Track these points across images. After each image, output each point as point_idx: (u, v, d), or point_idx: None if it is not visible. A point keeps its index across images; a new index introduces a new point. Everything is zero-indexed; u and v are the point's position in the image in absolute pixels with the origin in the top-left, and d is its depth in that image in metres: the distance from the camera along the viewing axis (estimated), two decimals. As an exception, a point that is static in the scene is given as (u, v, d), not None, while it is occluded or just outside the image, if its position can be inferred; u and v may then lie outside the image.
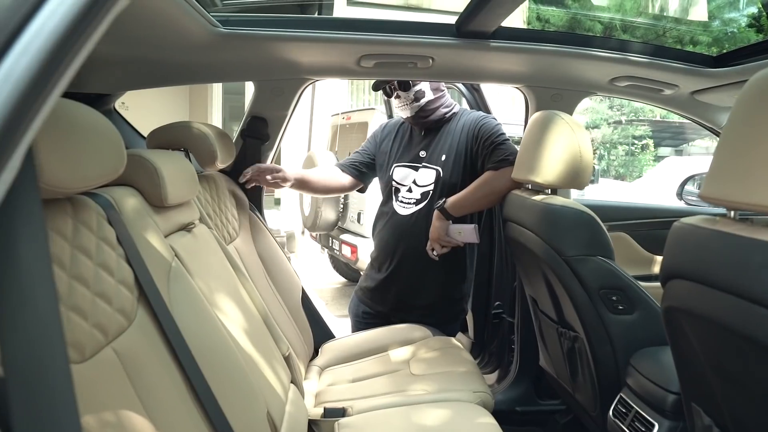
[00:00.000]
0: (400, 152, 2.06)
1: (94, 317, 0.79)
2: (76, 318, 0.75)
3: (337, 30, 1.64)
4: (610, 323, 1.48)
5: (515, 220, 1.75)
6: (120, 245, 0.93)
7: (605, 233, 1.49)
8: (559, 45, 1.73)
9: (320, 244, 5.67)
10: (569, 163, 1.55)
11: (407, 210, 2.00)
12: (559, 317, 1.68)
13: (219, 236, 1.58)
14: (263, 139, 1.99)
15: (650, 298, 1.47)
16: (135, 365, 0.85)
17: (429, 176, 1.99)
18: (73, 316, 0.74)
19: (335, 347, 2.03)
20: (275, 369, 1.31)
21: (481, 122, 1.97)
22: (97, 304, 0.81)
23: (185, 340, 0.98)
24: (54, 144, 0.70)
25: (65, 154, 0.72)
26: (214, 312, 1.13)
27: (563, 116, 1.60)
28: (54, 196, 0.76)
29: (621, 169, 12.56)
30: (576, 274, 1.48)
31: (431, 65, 1.77)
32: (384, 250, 2.05)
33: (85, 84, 1.78)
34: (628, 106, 12.35)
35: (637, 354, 1.45)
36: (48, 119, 0.73)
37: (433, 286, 2.02)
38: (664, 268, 1.01)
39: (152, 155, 1.13)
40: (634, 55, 1.74)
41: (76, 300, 0.76)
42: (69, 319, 0.73)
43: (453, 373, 1.68)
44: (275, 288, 1.89)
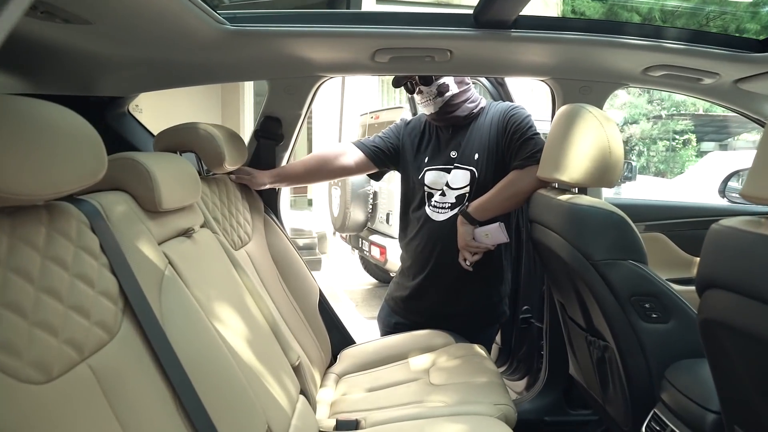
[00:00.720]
0: (429, 154, 1.93)
1: (66, 332, 0.74)
2: (41, 334, 0.69)
3: (349, 24, 1.57)
4: (642, 332, 1.36)
5: (541, 222, 1.65)
6: (104, 254, 0.88)
7: (637, 235, 1.37)
8: (586, 33, 1.61)
9: (350, 245, 5.64)
10: (597, 160, 1.44)
11: (441, 215, 1.88)
12: (588, 325, 1.57)
13: (228, 241, 1.53)
14: (277, 140, 1.93)
15: (687, 306, 1.35)
16: (115, 382, 0.79)
17: (463, 178, 1.87)
18: (38, 332, 0.69)
19: (354, 354, 1.95)
20: (281, 381, 1.24)
21: (510, 113, 1.85)
22: (70, 318, 0.75)
23: (176, 354, 0.92)
24: (10, 148, 0.64)
25: (26, 158, 0.67)
26: (211, 322, 1.07)
27: (591, 109, 1.49)
28: (18, 203, 0.71)
29: (661, 166, 12.12)
30: (605, 280, 1.37)
31: (450, 58, 1.68)
32: (418, 258, 1.94)
33: (98, 87, 1.76)
34: (668, 100, 11.91)
35: (673, 366, 1.33)
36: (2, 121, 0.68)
37: (470, 292, 1.92)
38: (700, 276, 0.90)
39: (146, 158, 1.08)
40: (669, 42, 1.61)
41: (45, 315, 0.71)
42: (32, 336, 0.68)
43: (474, 383, 1.59)
44: (290, 293, 1.83)
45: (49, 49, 1.45)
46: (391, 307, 2.08)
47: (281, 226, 1.94)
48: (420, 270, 1.94)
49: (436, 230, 1.89)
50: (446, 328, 1.94)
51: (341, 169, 2.00)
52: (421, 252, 1.92)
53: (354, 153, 1.98)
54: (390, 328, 2.06)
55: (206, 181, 1.57)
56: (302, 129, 1.99)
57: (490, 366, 1.71)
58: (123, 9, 1.20)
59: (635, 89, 11.76)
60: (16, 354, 0.64)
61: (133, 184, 1.06)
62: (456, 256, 1.84)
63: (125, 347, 0.85)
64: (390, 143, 2.00)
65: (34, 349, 0.67)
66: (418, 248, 1.94)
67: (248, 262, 1.63)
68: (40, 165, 0.70)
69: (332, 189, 5.22)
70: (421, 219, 1.92)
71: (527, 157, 1.77)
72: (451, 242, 1.84)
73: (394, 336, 1.98)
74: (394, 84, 1.92)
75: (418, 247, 1.93)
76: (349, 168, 2.00)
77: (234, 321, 1.17)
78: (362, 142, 2.01)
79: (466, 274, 1.85)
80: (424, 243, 1.91)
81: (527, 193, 1.76)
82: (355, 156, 1.98)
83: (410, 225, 1.98)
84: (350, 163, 1.98)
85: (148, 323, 0.90)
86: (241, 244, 1.64)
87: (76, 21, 1.20)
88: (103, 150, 0.84)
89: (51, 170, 0.72)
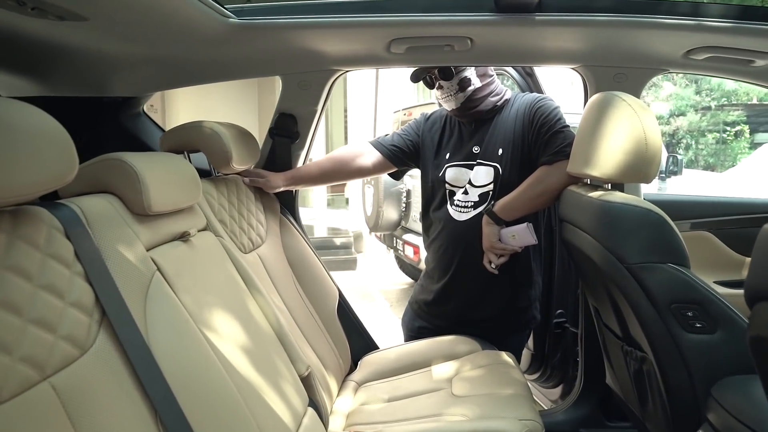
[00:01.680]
0: (450, 150, 1.82)
1: (22, 349, 0.67)
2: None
3: (361, 13, 1.48)
4: (685, 344, 1.22)
5: (571, 221, 1.52)
6: (79, 262, 0.82)
7: (677, 235, 1.23)
8: (619, 14, 1.48)
9: (385, 244, 5.57)
10: (632, 153, 1.30)
11: (464, 215, 1.77)
12: (624, 333, 1.43)
13: (237, 244, 1.47)
14: (293, 138, 1.85)
15: (737, 314, 1.20)
16: (82, 403, 0.72)
17: (487, 175, 1.75)
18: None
19: (375, 360, 1.87)
20: (284, 393, 1.16)
21: (536, 105, 1.72)
22: (29, 334, 0.69)
23: (159, 368, 0.85)
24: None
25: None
26: (203, 333, 1.00)
27: (625, 97, 1.35)
28: None
29: (710, 159, 11.55)
30: (641, 285, 1.23)
31: (470, 47, 1.57)
32: (441, 260, 1.83)
33: (110, 88, 1.73)
34: (718, 90, 11.34)
35: (721, 383, 1.19)
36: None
37: (497, 296, 1.80)
38: (748, 286, 0.77)
39: (136, 159, 1.01)
40: (713, 20, 1.45)
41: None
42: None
43: (498, 395, 1.48)
44: (307, 297, 1.75)
45: (58, 50, 1.42)
46: (414, 310, 1.98)
47: (299, 228, 1.87)
48: (443, 273, 1.83)
49: (458, 231, 1.77)
50: (472, 333, 1.82)
51: (358, 170, 1.91)
52: (444, 254, 1.82)
53: (371, 153, 1.89)
54: (414, 332, 1.96)
55: (215, 182, 1.52)
56: (319, 125, 1.91)
57: (518, 376, 1.59)
58: (117, 3, 1.15)
59: (681, 79, 11.26)
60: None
61: (120, 187, 1.00)
62: (481, 258, 1.73)
63: (99, 362, 0.78)
64: (409, 140, 1.90)
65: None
66: (440, 250, 1.83)
67: (260, 266, 1.56)
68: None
69: (365, 187, 5.16)
70: (442, 219, 1.81)
71: (556, 152, 1.64)
72: (475, 243, 1.73)
73: (417, 342, 1.88)
74: (412, 79, 1.81)
75: (440, 249, 1.83)
76: (367, 169, 1.91)
77: (231, 330, 1.10)
78: (379, 142, 1.91)
79: (492, 278, 1.73)
80: (447, 244, 1.81)
81: (557, 191, 1.63)
82: (372, 157, 1.89)
83: (432, 225, 1.87)
84: (367, 164, 1.89)
85: (127, 335, 0.83)
86: (252, 246, 1.57)
87: (71, 17, 1.16)
88: (73, 151, 0.77)
89: (10, 173, 0.66)
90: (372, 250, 6.95)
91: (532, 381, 2.30)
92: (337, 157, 1.92)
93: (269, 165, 1.84)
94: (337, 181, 2.04)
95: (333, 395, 1.63)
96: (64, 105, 1.74)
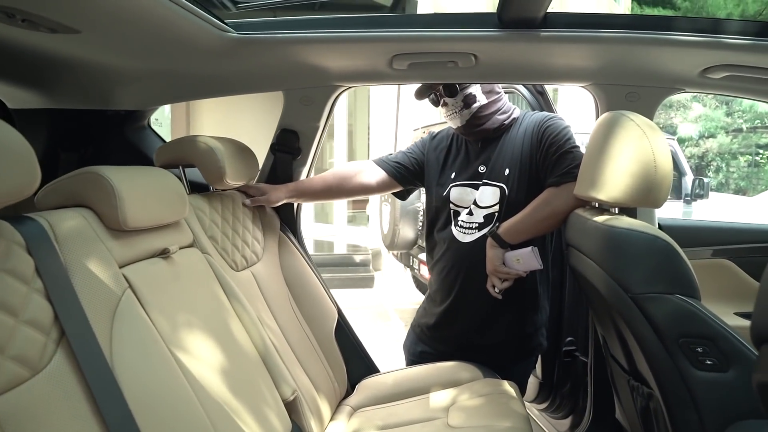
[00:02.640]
0: (455, 170, 1.77)
1: (-40, 370, 0.64)
2: None
3: (363, 28, 1.45)
4: (694, 382, 1.13)
5: (576, 246, 1.45)
6: (39, 278, 0.79)
7: (686, 264, 1.15)
8: (631, 30, 1.42)
9: (401, 263, 5.51)
10: (640, 176, 1.23)
11: (468, 236, 1.70)
12: (631, 367, 1.35)
13: (228, 261, 1.43)
14: (294, 154, 1.82)
15: (753, 352, 1.11)
16: (27, 427, 0.68)
17: (492, 195, 1.69)
18: None
19: (372, 385, 1.80)
20: (263, 417, 1.11)
21: (545, 124, 1.66)
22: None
23: (121, 390, 0.81)
24: None
25: None
26: (175, 354, 0.96)
27: (633, 117, 1.28)
28: None
29: (742, 182, 11.22)
30: (647, 317, 1.15)
31: (475, 63, 1.53)
32: (443, 282, 1.77)
33: (114, 101, 1.74)
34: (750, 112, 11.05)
35: (735, 427, 1.09)
36: None
37: (501, 321, 1.72)
38: (755, 325, 0.70)
39: (114, 172, 0.99)
40: (731, 37, 1.38)
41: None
42: None
43: (496, 428, 1.40)
44: (303, 317, 1.71)
45: (59, 62, 1.42)
46: (417, 334, 1.91)
47: (298, 246, 1.83)
48: (446, 296, 1.76)
49: (462, 253, 1.71)
50: (476, 359, 1.75)
51: (361, 187, 1.86)
52: (446, 276, 1.75)
53: (375, 172, 1.84)
54: (415, 357, 1.89)
55: (209, 197, 1.49)
56: (321, 142, 1.88)
57: (518, 408, 1.51)
58: (108, 16, 1.14)
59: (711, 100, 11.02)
60: None
61: (96, 201, 0.97)
62: (485, 281, 1.66)
63: (52, 385, 0.74)
64: (414, 159, 1.85)
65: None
66: (443, 272, 1.77)
67: (253, 285, 1.52)
68: None
69: (383, 205, 5.12)
70: (446, 240, 1.75)
71: (564, 173, 1.57)
72: (479, 266, 1.66)
73: (416, 367, 1.81)
74: (416, 96, 1.77)
75: (443, 271, 1.76)
76: (370, 187, 1.86)
77: (207, 352, 1.05)
78: (384, 160, 1.86)
79: (496, 302, 1.66)
80: (450, 266, 1.74)
81: (564, 214, 1.56)
82: (376, 175, 1.84)
83: (436, 246, 1.81)
84: (371, 182, 1.84)
85: (87, 355, 0.80)
86: (246, 264, 1.53)
87: (62, 30, 1.15)
88: (35, 166, 0.75)
89: None
90: (390, 268, 6.89)
91: (541, 410, 2.20)
92: (341, 172, 1.88)
93: (270, 181, 1.81)
94: (340, 198, 2.00)
95: (324, 420, 1.57)
96: (70, 118, 1.76)
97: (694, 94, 1.70)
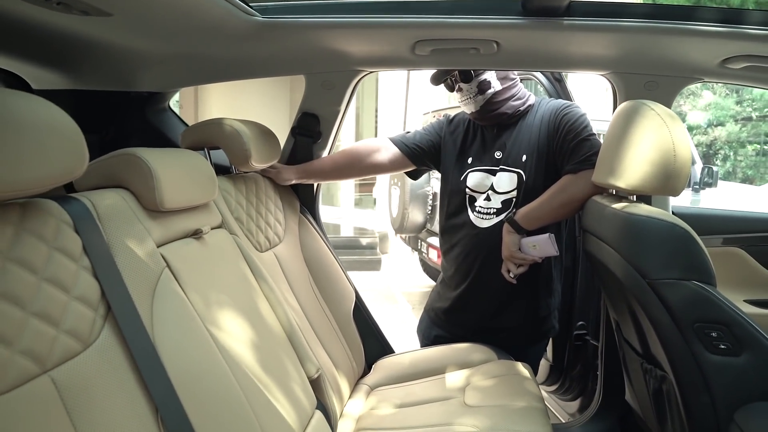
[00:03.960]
0: (473, 155, 1.79)
1: (24, 341, 0.68)
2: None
3: (387, 14, 1.47)
4: (708, 366, 1.17)
5: (593, 232, 1.47)
6: (86, 256, 0.82)
7: (704, 252, 1.18)
8: (652, 20, 1.43)
9: (409, 246, 5.55)
10: (659, 164, 1.26)
11: (486, 222, 1.73)
12: (645, 350, 1.38)
13: (253, 242, 1.47)
14: (315, 137, 1.85)
15: (765, 337, 1.15)
16: (81, 397, 0.72)
17: (510, 181, 1.71)
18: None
19: (389, 365, 1.85)
20: (291, 395, 1.15)
21: (562, 111, 1.67)
22: (31, 326, 0.69)
23: (164, 366, 0.85)
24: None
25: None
26: (211, 332, 1.00)
27: (652, 106, 1.30)
28: None
29: (749, 171, 11.17)
30: (663, 302, 1.18)
31: (496, 51, 1.54)
32: (460, 267, 1.79)
33: (137, 83, 1.76)
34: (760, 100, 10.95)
35: (745, 409, 1.13)
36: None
37: (516, 305, 1.76)
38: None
39: (151, 154, 1.02)
40: (752, 27, 1.39)
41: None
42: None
43: (512, 407, 1.44)
44: (323, 298, 1.75)
45: (86, 44, 1.44)
46: (431, 318, 1.95)
47: (318, 228, 1.86)
48: (462, 280, 1.80)
49: (480, 238, 1.74)
50: (490, 343, 1.79)
51: (374, 166, 1.87)
52: (464, 261, 1.78)
53: (390, 149, 1.85)
54: (429, 341, 1.94)
55: (233, 179, 1.52)
56: (341, 126, 1.90)
57: (532, 388, 1.55)
58: (139, 0, 1.16)
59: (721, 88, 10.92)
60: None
61: (134, 182, 1.00)
62: (501, 266, 1.69)
63: (101, 358, 0.78)
64: (430, 140, 1.86)
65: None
66: (460, 257, 1.80)
67: (275, 265, 1.56)
68: (1, 161, 0.64)
69: (392, 188, 5.14)
70: (462, 225, 1.78)
71: (582, 161, 1.59)
72: (496, 251, 1.69)
73: (432, 348, 1.86)
74: (432, 81, 1.78)
75: (460, 256, 1.79)
76: (383, 166, 1.88)
77: (239, 330, 1.09)
78: (400, 139, 1.88)
79: (511, 286, 1.70)
80: (467, 251, 1.77)
81: (581, 201, 1.58)
82: (391, 153, 1.85)
83: (452, 231, 1.83)
84: (384, 161, 1.85)
85: (132, 331, 0.84)
86: (269, 245, 1.57)
87: (95, 13, 1.17)
88: (84, 147, 0.77)
89: (16, 167, 0.66)
90: (397, 251, 6.93)
91: (551, 392, 2.25)
92: (353, 151, 1.88)
93: (290, 163, 1.84)
94: (351, 177, 2.00)
95: (344, 398, 1.62)
96: (92, 99, 1.78)
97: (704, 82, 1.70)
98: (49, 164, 0.71)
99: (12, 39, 1.37)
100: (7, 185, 0.66)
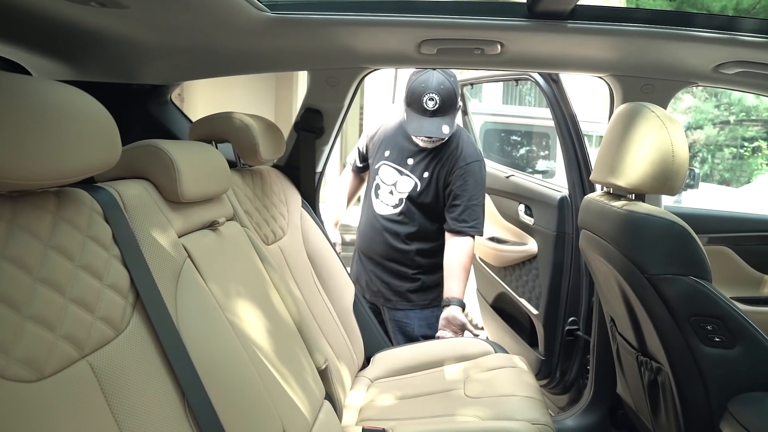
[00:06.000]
0: (394, 151, 2.05)
1: (65, 327, 0.69)
2: (35, 329, 0.65)
3: (394, 12, 1.49)
4: (702, 357, 1.22)
5: (591, 229, 1.52)
6: (116, 245, 0.84)
7: (700, 248, 1.23)
8: (651, 25, 1.47)
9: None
10: (658, 164, 1.30)
11: (385, 210, 2.05)
12: (640, 343, 1.44)
13: (260, 235, 1.48)
14: (318, 133, 1.87)
15: (757, 331, 1.21)
16: (116, 382, 0.74)
17: (407, 185, 2.01)
18: (31, 326, 0.64)
19: (388, 358, 1.88)
20: (304, 384, 1.18)
21: (468, 169, 1.96)
22: (71, 312, 0.71)
23: (188, 354, 0.87)
24: (8, 129, 0.60)
25: (26, 141, 0.62)
26: (230, 321, 1.02)
27: (653, 108, 1.35)
28: (18, 188, 0.67)
29: (726, 174, 11.43)
30: (662, 297, 1.24)
31: (500, 51, 1.58)
32: (362, 243, 2.14)
33: (140, 75, 1.75)
34: (738, 105, 11.21)
35: (738, 399, 1.19)
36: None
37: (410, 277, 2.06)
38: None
39: (171, 146, 1.03)
40: (745, 34, 1.45)
41: (41, 308, 0.66)
42: (23, 330, 0.63)
43: (511, 398, 1.49)
44: (324, 291, 1.77)
45: (93, 35, 1.44)
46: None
47: (319, 222, 1.89)
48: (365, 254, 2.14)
49: (378, 222, 2.06)
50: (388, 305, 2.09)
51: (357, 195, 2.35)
52: (363, 238, 2.13)
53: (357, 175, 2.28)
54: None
55: (241, 173, 1.53)
56: (344, 122, 1.93)
57: (530, 380, 1.60)
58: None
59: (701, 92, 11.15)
60: (2, 350, 0.60)
61: (155, 173, 1.01)
62: (389, 249, 2.02)
63: (132, 344, 0.80)
64: (363, 154, 2.21)
65: (25, 345, 0.63)
66: (364, 235, 2.13)
67: (280, 258, 1.57)
68: (43, 149, 0.65)
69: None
70: (368, 208, 2.11)
71: (462, 222, 1.95)
72: (386, 234, 2.03)
73: (429, 342, 1.91)
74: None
75: (364, 234, 2.13)
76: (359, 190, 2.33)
77: (256, 320, 1.11)
78: (354, 164, 2.25)
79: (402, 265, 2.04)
80: (369, 231, 2.09)
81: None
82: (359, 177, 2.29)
83: (364, 210, 2.16)
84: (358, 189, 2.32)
85: (160, 320, 0.85)
86: (274, 239, 1.59)
87: (111, 5, 1.18)
88: (117, 137, 0.79)
89: (56, 155, 0.68)
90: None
91: (541, 387, 2.30)
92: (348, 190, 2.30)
93: (293, 158, 1.86)
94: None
95: (347, 389, 1.64)
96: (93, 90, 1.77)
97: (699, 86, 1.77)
98: (88, 153, 0.73)
99: (17, 28, 1.37)
100: (50, 173, 0.67)
